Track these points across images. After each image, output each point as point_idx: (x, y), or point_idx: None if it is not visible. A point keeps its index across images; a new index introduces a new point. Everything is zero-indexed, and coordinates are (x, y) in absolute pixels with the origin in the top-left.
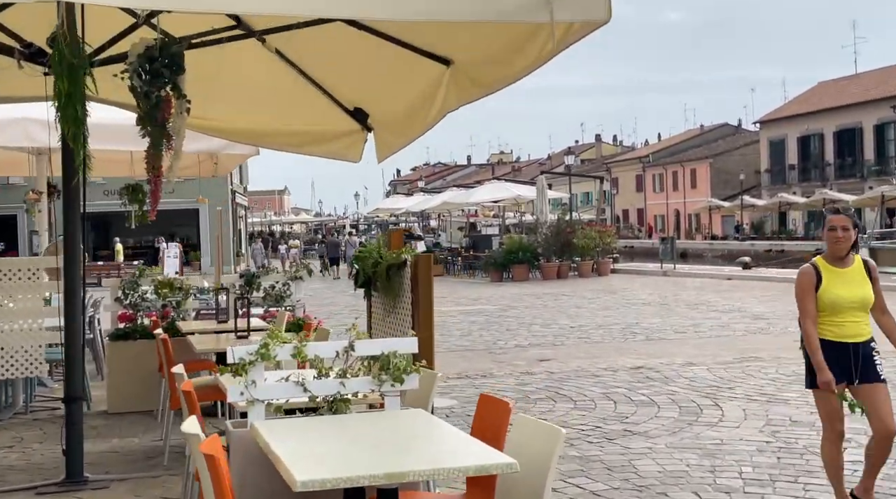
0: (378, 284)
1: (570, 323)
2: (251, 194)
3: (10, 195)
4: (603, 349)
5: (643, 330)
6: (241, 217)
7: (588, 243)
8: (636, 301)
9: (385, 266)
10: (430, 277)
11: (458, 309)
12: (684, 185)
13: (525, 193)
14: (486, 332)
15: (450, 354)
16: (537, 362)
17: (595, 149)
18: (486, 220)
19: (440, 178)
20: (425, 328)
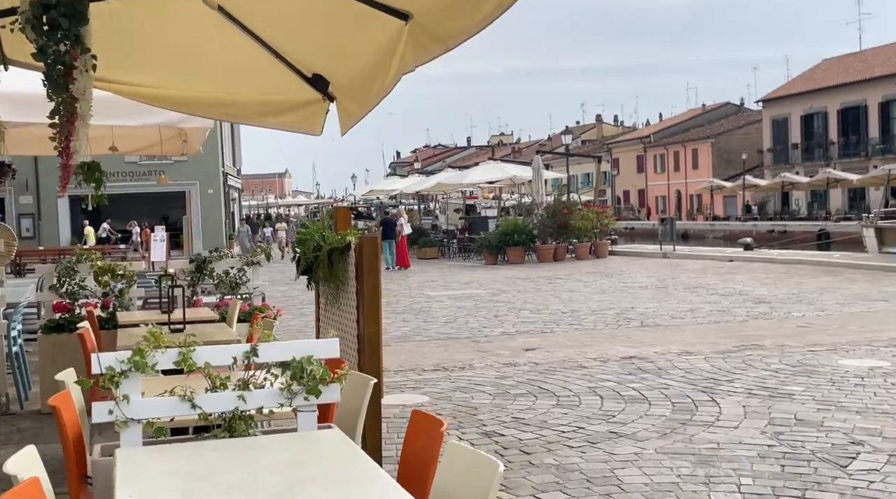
0: (320, 272)
1: (563, 308)
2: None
3: None
4: (594, 337)
5: (638, 315)
6: (233, 200)
7: (585, 225)
8: (633, 284)
9: (327, 250)
10: (376, 264)
11: (448, 294)
12: (686, 165)
13: (521, 174)
14: (472, 318)
15: (429, 344)
16: (522, 352)
17: (596, 129)
18: (486, 201)
19: (440, 159)
20: (370, 322)
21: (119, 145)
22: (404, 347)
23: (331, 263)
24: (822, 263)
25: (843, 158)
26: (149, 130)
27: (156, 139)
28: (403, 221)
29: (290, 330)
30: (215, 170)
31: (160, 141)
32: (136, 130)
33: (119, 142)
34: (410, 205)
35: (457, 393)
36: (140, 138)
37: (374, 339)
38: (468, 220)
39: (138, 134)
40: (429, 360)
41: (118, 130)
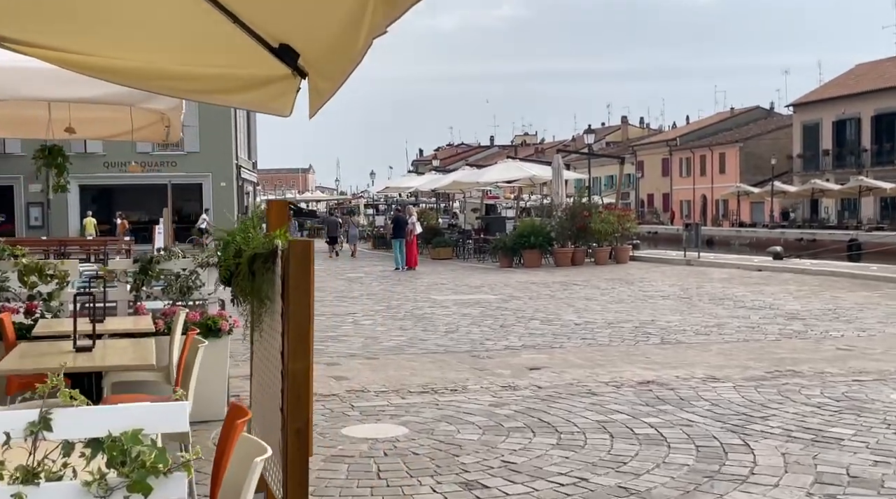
0: (240, 284)
1: (576, 319)
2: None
3: (8, 165)
4: (608, 355)
5: (659, 330)
6: (247, 193)
7: (606, 228)
8: (654, 294)
9: (248, 257)
10: (307, 278)
11: (454, 298)
12: (712, 169)
13: (540, 173)
14: (476, 328)
15: (423, 358)
16: (525, 371)
17: (621, 131)
18: (507, 202)
19: (462, 158)
20: (297, 355)
21: (79, 129)
22: (394, 361)
23: (252, 274)
24: (859, 276)
25: (875, 166)
26: (116, 112)
27: (125, 125)
28: (414, 220)
29: None
30: (228, 163)
31: (132, 128)
32: (100, 111)
33: (79, 125)
34: (430, 203)
35: (441, 424)
36: (106, 122)
37: (300, 377)
38: (485, 220)
39: (104, 117)
40: (418, 378)
41: (77, 111)
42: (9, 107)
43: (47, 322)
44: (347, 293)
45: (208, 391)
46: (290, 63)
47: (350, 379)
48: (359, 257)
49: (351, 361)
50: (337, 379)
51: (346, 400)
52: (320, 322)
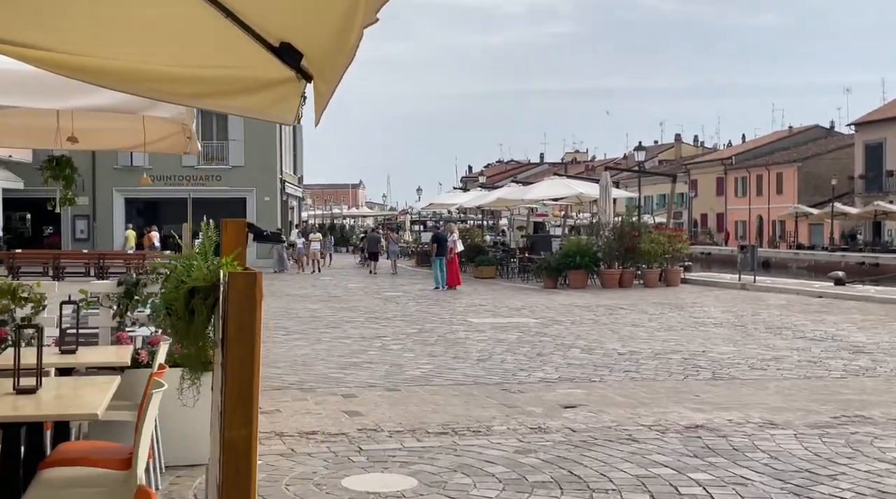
0: (174, 326)
1: (620, 348)
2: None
3: None
4: (653, 392)
5: (710, 363)
6: (291, 208)
7: (655, 249)
8: (706, 321)
9: (185, 292)
10: (251, 321)
11: (491, 322)
12: (769, 189)
13: (588, 191)
14: (510, 355)
15: (449, 391)
16: (560, 410)
17: (674, 149)
18: (555, 220)
19: (511, 175)
20: (237, 420)
21: (86, 139)
22: (416, 394)
23: (191, 313)
24: None
25: None
26: (127, 122)
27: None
28: (455, 238)
29: (293, 360)
30: (272, 177)
31: (144, 139)
32: (111, 121)
33: (85, 135)
34: (477, 220)
35: (456, 476)
36: (115, 132)
37: (239, 448)
38: (530, 238)
39: (114, 127)
40: (439, 416)
41: (84, 121)
42: (18, 116)
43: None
44: (381, 314)
45: (194, 431)
46: (293, 64)
47: (364, 415)
48: (400, 274)
49: (369, 394)
50: (350, 415)
51: (356, 441)
52: (345, 347)
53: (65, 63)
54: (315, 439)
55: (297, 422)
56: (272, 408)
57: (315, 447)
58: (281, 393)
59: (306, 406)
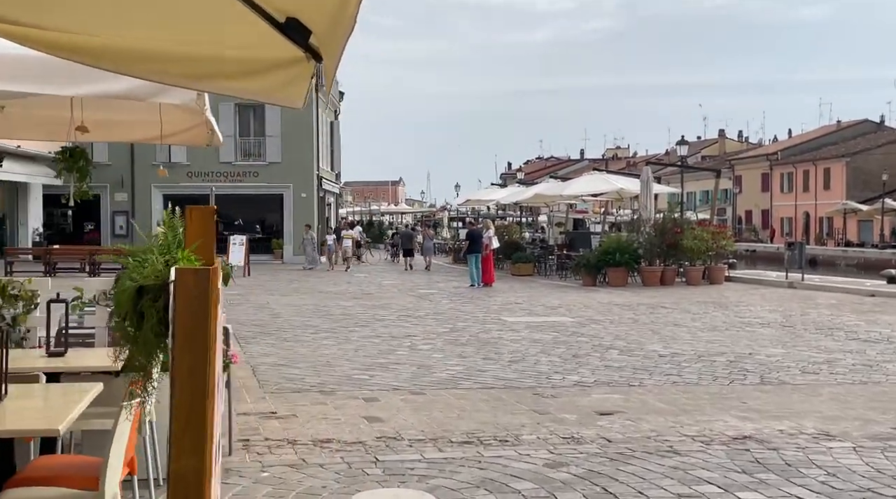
0: (122, 330)
1: (661, 349)
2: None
3: (95, 173)
4: (697, 398)
5: (758, 366)
6: (328, 205)
7: (698, 246)
8: (752, 320)
9: (131, 292)
10: (203, 325)
11: (526, 321)
12: (816, 185)
13: (629, 187)
14: (545, 357)
15: (477, 395)
16: (595, 417)
17: (718, 145)
18: (596, 216)
19: (551, 172)
20: (185, 450)
21: (99, 130)
22: (442, 398)
23: (139, 317)
24: None
25: None
26: (143, 113)
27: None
28: (491, 234)
29: (317, 361)
30: (309, 173)
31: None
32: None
33: (98, 125)
34: (516, 217)
35: (478, 493)
36: (133, 124)
37: (189, 480)
38: (569, 235)
39: (128, 117)
40: (464, 423)
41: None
42: (30, 106)
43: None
44: (413, 312)
45: None
46: (301, 42)
47: (385, 421)
48: (435, 271)
49: (393, 397)
50: (370, 421)
51: (373, 450)
52: (373, 346)
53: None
54: (329, 447)
55: (312, 428)
56: (288, 412)
57: (328, 457)
58: (300, 396)
59: (324, 411)
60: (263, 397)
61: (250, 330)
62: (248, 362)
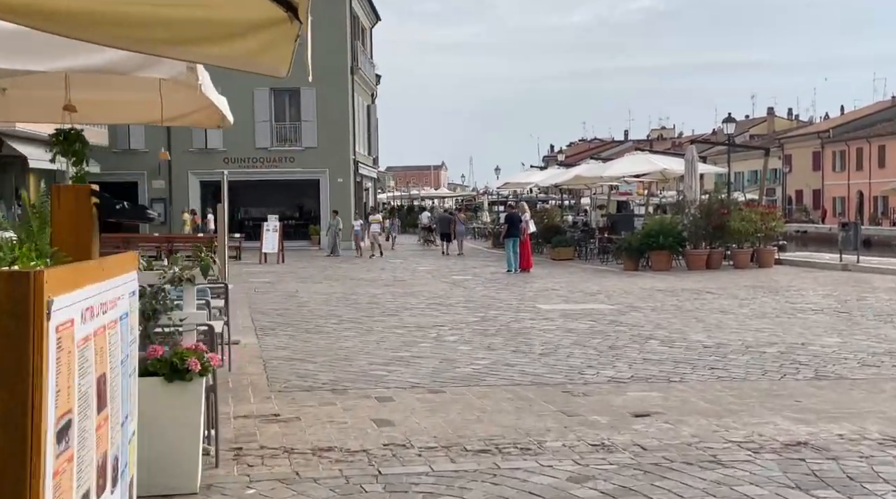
0: None
1: (706, 339)
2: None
3: (132, 161)
4: (744, 395)
5: (811, 358)
6: (366, 190)
7: (746, 227)
8: (805, 307)
9: None
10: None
11: (562, 309)
12: (870, 163)
13: (673, 167)
14: (578, 349)
15: (501, 393)
16: (629, 419)
17: (766, 123)
18: (640, 198)
19: (595, 154)
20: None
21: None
22: (462, 397)
23: None
24: None
25: None
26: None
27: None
28: (527, 218)
29: (335, 355)
30: (346, 158)
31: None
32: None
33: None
34: (559, 201)
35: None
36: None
37: None
38: (611, 217)
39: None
40: (483, 428)
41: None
42: (20, 86)
43: None
44: (444, 299)
45: (173, 454)
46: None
47: (396, 425)
48: (473, 256)
49: (408, 397)
50: (379, 424)
51: (376, 461)
52: (398, 337)
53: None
54: (329, 457)
55: (314, 434)
56: (292, 415)
57: (325, 470)
58: (308, 395)
59: (332, 412)
60: (269, 396)
61: (272, 320)
62: (261, 357)
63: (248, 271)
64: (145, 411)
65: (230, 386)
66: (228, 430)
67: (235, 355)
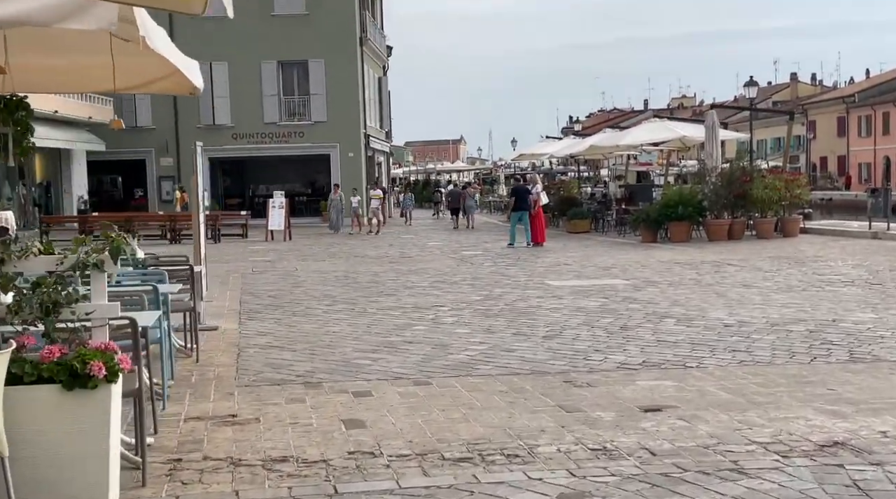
0: None
1: (727, 317)
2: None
3: (140, 138)
4: (770, 383)
5: (844, 337)
6: (378, 164)
7: (770, 196)
8: (833, 278)
9: None
10: None
11: (573, 285)
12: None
13: (692, 134)
14: (586, 330)
15: (493, 384)
16: (638, 415)
17: (790, 89)
18: (661, 168)
19: (615, 124)
20: None
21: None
22: (450, 390)
23: None
24: None
25: None
26: (91, 55)
27: (106, 75)
28: (539, 190)
29: (318, 341)
30: (356, 132)
31: (113, 80)
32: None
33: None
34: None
35: None
36: (79, 70)
37: None
38: (629, 188)
39: (74, 61)
40: (467, 429)
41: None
42: None
43: None
44: (449, 276)
45: (76, 478)
46: None
47: (367, 426)
48: (487, 231)
49: (389, 390)
50: (348, 426)
51: (334, 475)
52: (392, 320)
53: None
54: (280, 471)
55: (271, 440)
56: (252, 415)
57: (272, 489)
58: (278, 390)
59: (298, 412)
60: (233, 392)
61: (261, 302)
62: (237, 344)
63: (251, 249)
64: (40, 427)
65: (193, 381)
66: (173, 436)
67: (210, 343)
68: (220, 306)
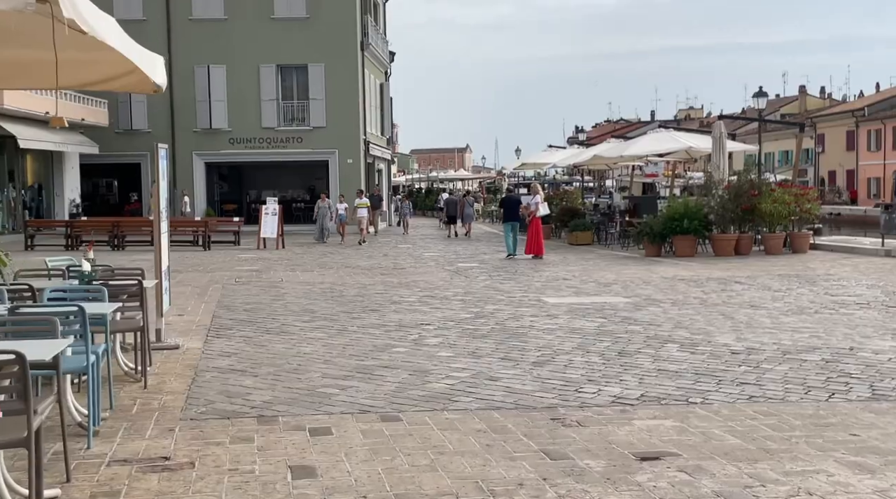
0: None
1: (734, 343)
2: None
3: (135, 141)
4: (783, 426)
5: (864, 369)
6: (378, 171)
7: (779, 210)
8: (847, 299)
9: None
10: None
11: (570, 302)
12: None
13: (699, 145)
14: (580, 356)
15: (469, 423)
16: (632, 464)
17: (798, 102)
18: (666, 179)
19: (620, 134)
20: None
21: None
22: (420, 429)
23: None
24: None
25: None
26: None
27: (48, 71)
28: (539, 200)
29: (285, 365)
30: (356, 138)
31: (55, 77)
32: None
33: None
34: (585, 183)
35: None
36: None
37: None
38: (633, 200)
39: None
40: (432, 482)
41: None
42: None
43: None
44: (441, 291)
45: None
46: None
47: (318, 475)
48: (485, 240)
49: (352, 426)
50: (295, 474)
51: None
52: (371, 340)
53: None
54: None
55: (200, 492)
56: (187, 458)
57: None
58: (224, 426)
59: (242, 454)
60: (173, 427)
61: (235, 318)
62: (195, 367)
63: (239, 258)
64: None
65: (133, 411)
66: (86, 487)
67: (165, 365)
68: (189, 321)
